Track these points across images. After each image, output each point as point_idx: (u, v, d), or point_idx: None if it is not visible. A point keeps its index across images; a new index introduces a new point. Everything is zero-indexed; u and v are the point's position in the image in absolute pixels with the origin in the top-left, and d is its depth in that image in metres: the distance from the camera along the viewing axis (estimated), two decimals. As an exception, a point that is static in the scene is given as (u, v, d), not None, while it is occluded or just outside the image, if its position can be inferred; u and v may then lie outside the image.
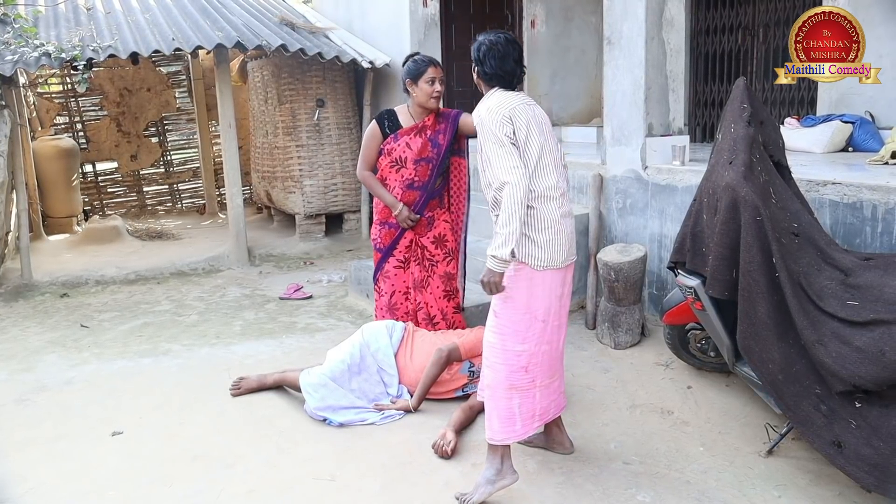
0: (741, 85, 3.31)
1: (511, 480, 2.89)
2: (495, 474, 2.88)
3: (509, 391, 2.91)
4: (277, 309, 5.64)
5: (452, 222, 4.24)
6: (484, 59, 2.99)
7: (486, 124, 2.84)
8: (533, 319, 2.88)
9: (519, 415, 2.93)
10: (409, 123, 4.10)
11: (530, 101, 3.00)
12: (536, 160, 2.86)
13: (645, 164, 4.73)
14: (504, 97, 2.92)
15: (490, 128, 2.81)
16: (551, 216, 2.87)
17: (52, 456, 3.33)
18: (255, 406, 3.79)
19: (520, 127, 2.84)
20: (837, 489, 2.90)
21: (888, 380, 2.53)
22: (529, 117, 2.88)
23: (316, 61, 7.28)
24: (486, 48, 2.99)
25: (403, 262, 4.20)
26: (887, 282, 2.79)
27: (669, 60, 4.72)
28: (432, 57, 4.09)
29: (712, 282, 3.08)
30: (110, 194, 10.21)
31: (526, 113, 2.88)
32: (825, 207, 3.73)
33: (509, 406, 2.91)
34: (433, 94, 3.98)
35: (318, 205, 7.94)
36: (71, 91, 9.71)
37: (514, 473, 2.90)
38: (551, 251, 2.87)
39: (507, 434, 2.90)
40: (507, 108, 2.85)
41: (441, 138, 4.10)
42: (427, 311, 4.19)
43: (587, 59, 8.40)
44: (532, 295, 2.87)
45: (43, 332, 5.18)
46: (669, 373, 4.11)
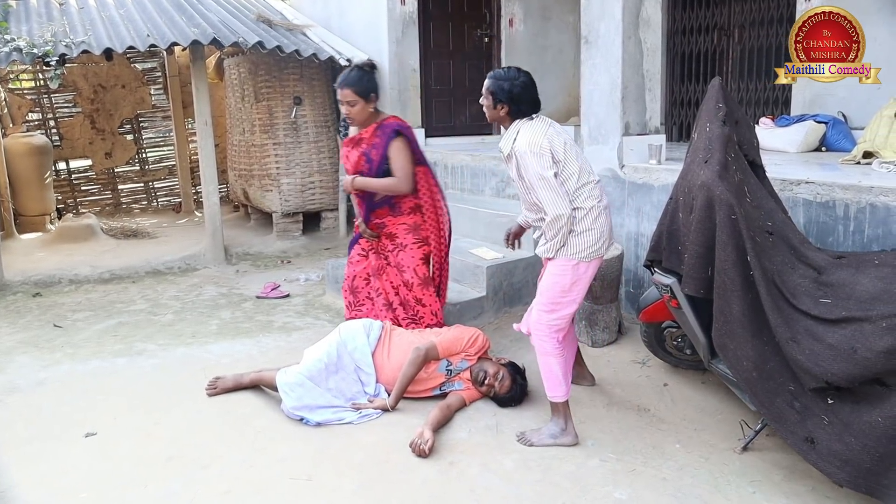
0: (716, 85, 3.34)
1: (571, 441, 3.31)
2: (560, 431, 3.33)
3: (556, 356, 3.34)
4: (254, 308, 5.60)
5: (413, 226, 4.17)
6: (521, 96, 3.28)
7: (527, 159, 3.18)
8: (571, 302, 3.34)
9: (563, 374, 3.36)
10: (356, 133, 4.08)
11: (550, 121, 3.35)
12: (577, 178, 3.24)
13: (622, 163, 4.76)
14: (535, 129, 3.25)
15: (531, 162, 3.17)
16: (593, 215, 3.27)
17: (24, 458, 3.27)
18: (231, 406, 3.76)
19: (557, 151, 3.21)
20: (811, 484, 2.94)
21: (860, 376, 2.57)
22: (564, 140, 3.27)
23: (293, 59, 7.24)
24: (521, 86, 3.27)
25: (365, 252, 4.32)
26: (859, 280, 2.83)
27: (646, 60, 4.75)
28: (347, 77, 3.92)
29: (688, 280, 3.11)
30: (84, 192, 10.06)
31: (559, 138, 3.26)
32: (799, 206, 3.77)
33: (559, 367, 3.34)
34: (347, 115, 3.97)
35: (295, 203, 7.89)
36: (43, 87, 9.54)
37: (576, 437, 3.33)
38: (596, 244, 3.29)
39: (566, 390, 3.35)
40: (545, 140, 3.21)
41: (374, 153, 4.01)
42: (385, 297, 4.24)
43: (565, 59, 8.44)
44: (575, 281, 3.29)
45: (14, 332, 5.09)
46: (646, 370, 4.14)
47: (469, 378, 3.77)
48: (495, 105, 3.32)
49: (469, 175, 6.24)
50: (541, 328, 3.36)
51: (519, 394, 3.73)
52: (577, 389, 3.90)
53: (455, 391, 3.73)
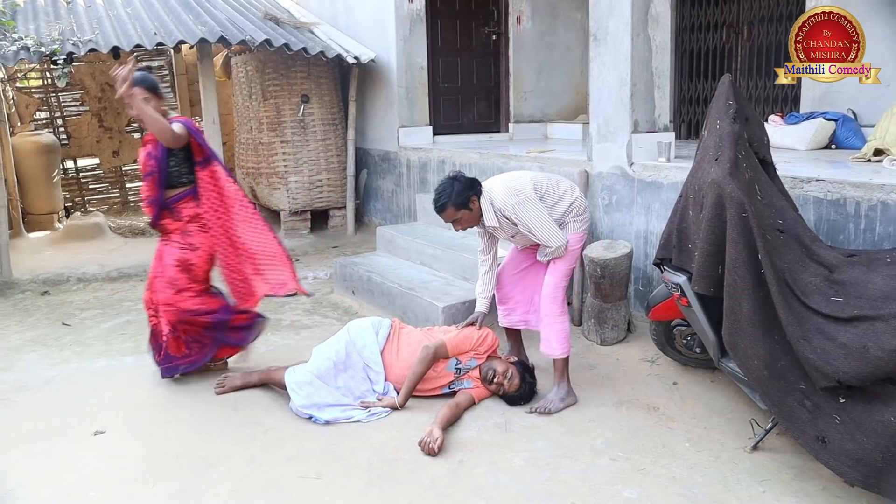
0: (726, 81, 3.32)
1: (575, 400, 3.71)
2: (566, 393, 3.70)
3: (567, 314, 3.82)
4: (262, 306, 5.58)
5: (186, 231, 4.01)
6: (466, 188, 3.63)
7: (517, 207, 3.59)
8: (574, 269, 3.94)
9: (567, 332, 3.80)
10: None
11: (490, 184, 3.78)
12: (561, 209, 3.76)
13: (631, 161, 4.73)
14: (494, 189, 3.69)
15: (521, 206, 3.59)
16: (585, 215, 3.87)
17: (32, 456, 3.27)
18: (239, 404, 3.76)
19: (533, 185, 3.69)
20: (821, 484, 2.92)
21: (871, 375, 2.55)
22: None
23: (301, 57, 7.24)
24: (460, 183, 3.63)
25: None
26: (871, 278, 2.80)
27: (655, 57, 4.72)
28: (136, 78, 3.72)
29: (698, 278, 3.09)
30: (92, 191, 10.10)
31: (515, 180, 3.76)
32: (809, 204, 3.75)
33: (565, 327, 3.77)
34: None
35: (303, 201, 7.89)
36: (51, 86, 9.59)
37: (576, 396, 3.74)
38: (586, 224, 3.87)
39: (568, 347, 3.77)
40: (511, 185, 3.68)
41: (157, 150, 3.89)
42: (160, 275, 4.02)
43: (573, 56, 8.41)
44: (576, 249, 3.83)
45: (23, 330, 5.11)
46: (655, 369, 4.12)
47: (478, 376, 3.76)
48: (469, 206, 3.63)
49: (477, 173, 6.22)
50: (559, 293, 3.75)
51: (528, 392, 3.71)
52: (586, 389, 3.89)
53: (464, 389, 3.72)
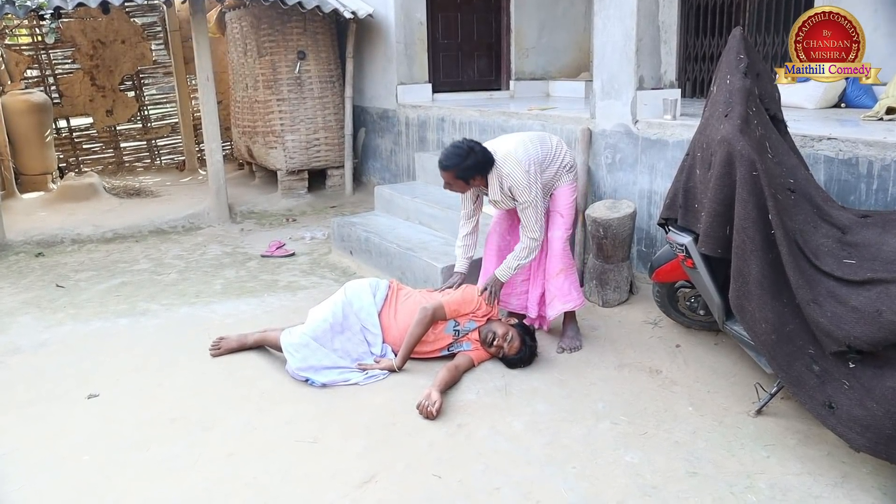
0: (738, 35, 3.18)
1: (581, 342, 3.93)
2: (577, 333, 3.96)
3: (575, 266, 3.99)
4: (259, 267, 5.53)
5: None
6: (482, 160, 3.56)
7: (519, 182, 3.58)
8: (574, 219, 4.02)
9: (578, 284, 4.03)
10: None
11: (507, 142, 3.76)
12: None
13: (635, 119, 4.61)
14: (508, 159, 3.60)
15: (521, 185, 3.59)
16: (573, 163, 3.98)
17: (26, 420, 3.23)
18: (234, 367, 3.71)
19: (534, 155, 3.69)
20: (826, 449, 2.87)
21: (884, 340, 2.47)
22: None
23: (296, 12, 7.05)
24: (478, 152, 3.55)
25: None
26: (886, 240, 2.72)
27: (661, 10, 4.56)
28: None
29: (705, 239, 3.00)
30: (86, 151, 9.94)
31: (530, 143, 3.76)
32: (820, 163, 3.64)
33: (577, 278, 3.99)
34: None
35: (300, 160, 7.77)
36: (41, 43, 9.36)
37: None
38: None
39: (583, 297, 3.99)
40: (523, 156, 3.64)
41: None
42: None
43: (576, 12, 8.20)
44: (572, 200, 3.91)
45: (17, 292, 5.04)
46: (658, 331, 4.06)
47: (477, 339, 3.69)
48: (469, 183, 3.60)
49: (478, 131, 6.10)
50: (566, 246, 3.86)
51: (528, 355, 3.65)
52: (587, 352, 3.83)
53: (463, 352, 3.67)
